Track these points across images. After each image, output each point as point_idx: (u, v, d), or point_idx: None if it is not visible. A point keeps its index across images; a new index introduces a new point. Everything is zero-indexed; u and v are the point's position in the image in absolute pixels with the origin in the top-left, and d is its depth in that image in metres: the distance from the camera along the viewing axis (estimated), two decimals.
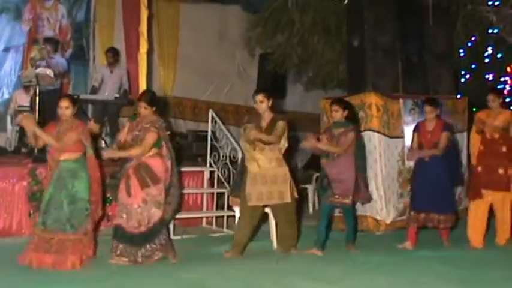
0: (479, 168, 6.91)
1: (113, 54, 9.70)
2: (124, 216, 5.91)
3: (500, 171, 6.79)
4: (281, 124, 6.21)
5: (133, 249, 5.87)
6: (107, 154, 6.32)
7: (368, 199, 7.16)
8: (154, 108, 6.06)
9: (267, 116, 6.31)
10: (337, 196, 6.42)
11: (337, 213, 7.34)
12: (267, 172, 6.19)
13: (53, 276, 5.45)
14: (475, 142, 7.07)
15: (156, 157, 5.97)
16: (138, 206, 5.87)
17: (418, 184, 6.92)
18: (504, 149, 6.83)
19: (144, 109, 6.00)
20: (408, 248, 6.79)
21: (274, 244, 6.93)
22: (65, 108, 5.88)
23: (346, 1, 8.54)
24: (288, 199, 6.24)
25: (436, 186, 6.69)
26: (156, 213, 5.92)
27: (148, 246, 5.89)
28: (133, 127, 6.05)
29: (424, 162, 6.83)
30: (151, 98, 6.14)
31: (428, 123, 6.94)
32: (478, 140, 7.01)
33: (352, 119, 6.75)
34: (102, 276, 5.55)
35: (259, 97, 6.29)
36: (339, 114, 6.56)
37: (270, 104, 6.31)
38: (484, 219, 6.93)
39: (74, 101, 6.06)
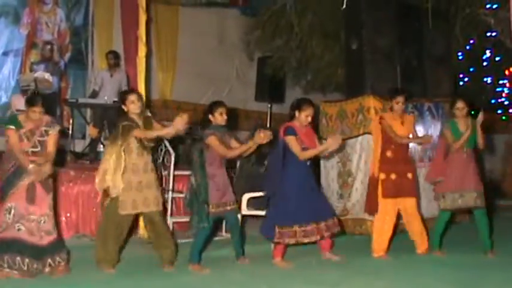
0: (393, 176, 6.51)
1: (114, 56, 9.73)
2: (23, 228, 5.43)
3: (409, 176, 6.57)
4: None
5: (38, 262, 5.49)
6: None
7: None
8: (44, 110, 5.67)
9: None
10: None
11: None
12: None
13: (56, 280, 5.46)
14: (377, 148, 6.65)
15: None
16: (44, 215, 5.51)
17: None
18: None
19: (39, 113, 5.58)
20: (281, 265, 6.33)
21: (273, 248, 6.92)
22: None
23: (344, 5, 8.51)
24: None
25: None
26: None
27: (56, 257, 5.58)
28: (29, 134, 5.59)
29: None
30: (42, 100, 5.70)
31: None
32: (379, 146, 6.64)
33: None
34: (103, 279, 5.55)
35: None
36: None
37: None
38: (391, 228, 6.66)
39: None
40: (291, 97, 12.74)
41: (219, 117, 6.15)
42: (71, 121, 9.72)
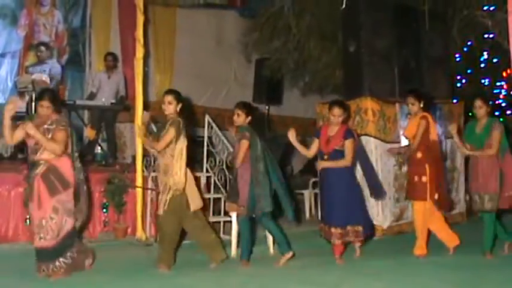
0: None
1: (112, 58, 9.74)
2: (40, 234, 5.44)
3: (416, 179, 6.59)
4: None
5: (44, 265, 5.47)
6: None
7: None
8: (55, 107, 5.65)
9: None
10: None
11: None
12: None
13: (54, 282, 5.46)
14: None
15: (65, 157, 5.57)
16: (49, 218, 5.41)
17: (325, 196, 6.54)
18: (420, 155, 6.62)
19: (47, 109, 5.57)
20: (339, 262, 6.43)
21: (271, 250, 6.93)
22: None
23: (344, 6, 8.50)
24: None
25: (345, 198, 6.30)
26: (68, 223, 5.53)
27: (57, 261, 5.49)
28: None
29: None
30: (53, 96, 5.71)
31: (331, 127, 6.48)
32: None
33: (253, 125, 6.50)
34: (101, 281, 5.55)
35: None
36: (241, 119, 6.43)
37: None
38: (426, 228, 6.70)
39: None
40: (288, 99, 12.81)
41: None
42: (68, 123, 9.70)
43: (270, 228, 6.43)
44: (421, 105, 6.65)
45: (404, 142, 7.82)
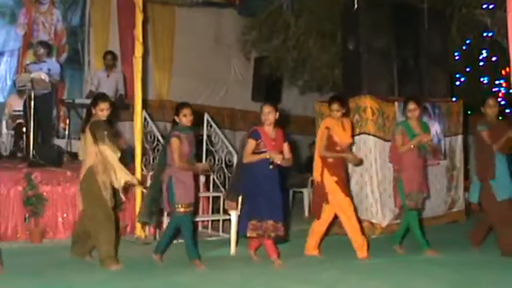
0: (335, 179, 6.51)
1: (112, 57, 9.74)
2: None
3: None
4: None
5: None
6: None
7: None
8: None
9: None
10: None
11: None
12: None
13: (52, 281, 5.47)
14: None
15: None
16: None
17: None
18: None
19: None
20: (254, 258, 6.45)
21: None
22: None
23: (356, 7, 8.46)
24: None
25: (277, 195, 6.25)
26: None
27: None
28: None
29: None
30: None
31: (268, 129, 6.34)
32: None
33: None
34: (100, 279, 5.55)
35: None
36: (189, 118, 6.27)
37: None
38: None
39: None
40: (287, 97, 12.82)
41: (183, 119, 6.20)
42: (67, 121, 9.72)
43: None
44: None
45: None
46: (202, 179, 8.51)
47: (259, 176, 6.19)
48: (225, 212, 7.59)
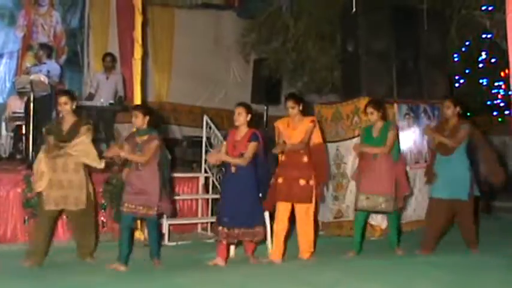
0: (280, 180, 6.48)
1: (111, 59, 9.74)
2: None
3: (302, 182, 6.41)
4: None
5: None
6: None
7: (169, 210, 6.43)
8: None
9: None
10: (141, 207, 6.12)
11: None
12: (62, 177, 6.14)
13: (52, 283, 5.46)
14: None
15: None
16: None
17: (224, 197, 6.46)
18: (305, 159, 6.49)
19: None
20: (220, 264, 6.29)
21: (269, 248, 6.93)
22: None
23: (354, 10, 8.43)
24: (83, 205, 6.19)
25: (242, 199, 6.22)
26: None
27: None
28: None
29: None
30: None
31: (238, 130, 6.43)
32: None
33: (156, 126, 6.45)
34: (100, 281, 5.55)
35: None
36: (139, 120, 6.24)
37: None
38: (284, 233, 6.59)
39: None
40: None
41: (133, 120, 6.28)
42: None
43: (155, 232, 6.39)
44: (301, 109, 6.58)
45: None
46: (201, 180, 8.52)
47: (224, 180, 6.32)
48: None
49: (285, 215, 6.52)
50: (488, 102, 11.96)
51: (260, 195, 6.39)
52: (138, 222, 7.47)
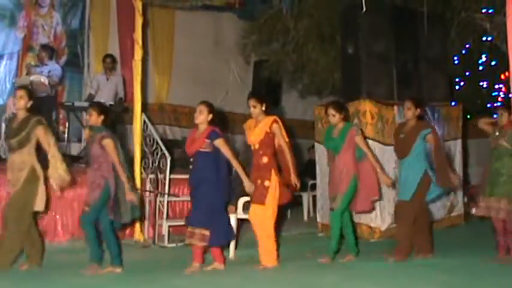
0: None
1: (111, 60, 9.75)
2: None
3: (258, 182, 6.17)
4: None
5: None
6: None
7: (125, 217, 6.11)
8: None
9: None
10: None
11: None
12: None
13: (51, 284, 5.47)
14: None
15: None
16: None
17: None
18: (265, 160, 6.23)
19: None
20: (195, 269, 6.04)
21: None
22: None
23: (364, 9, 8.36)
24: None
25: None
26: None
27: None
28: None
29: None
30: None
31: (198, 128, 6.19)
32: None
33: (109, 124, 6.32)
34: (99, 283, 5.55)
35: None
36: (93, 118, 6.10)
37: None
38: None
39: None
40: (287, 100, 12.83)
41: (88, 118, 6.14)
42: (66, 124, 9.72)
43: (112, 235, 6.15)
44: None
45: None
46: None
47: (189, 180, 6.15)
48: None
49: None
50: (489, 105, 11.97)
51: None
52: (138, 223, 7.49)
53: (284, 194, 6.31)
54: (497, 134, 6.68)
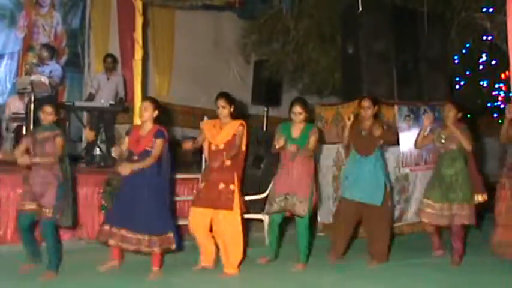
0: (202, 184, 6.05)
1: (112, 60, 9.76)
2: None
3: (221, 186, 5.92)
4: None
5: None
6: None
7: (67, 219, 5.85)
8: None
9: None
10: (34, 206, 5.73)
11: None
12: None
13: (50, 284, 5.50)
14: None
15: None
16: None
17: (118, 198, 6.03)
18: (229, 161, 6.00)
19: None
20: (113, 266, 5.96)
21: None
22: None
23: (360, 9, 8.34)
24: None
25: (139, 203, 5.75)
26: None
27: None
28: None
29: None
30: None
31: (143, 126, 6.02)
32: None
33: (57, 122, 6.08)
34: (97, 282, 5.58)
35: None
36: (50, 117, 5.88)
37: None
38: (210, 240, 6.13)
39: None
40: (287, 100, 12.76)
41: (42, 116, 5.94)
42: (67, 124, 9.72)
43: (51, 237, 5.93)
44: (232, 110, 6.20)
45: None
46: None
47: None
48: None
49: (202, 223, 6.05)
50: (489, 104, 11.97)
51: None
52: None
53: (242, 201, 6.14)
54: (443, 139, 6.57)
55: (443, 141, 6.56)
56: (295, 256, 6.33)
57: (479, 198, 6.54)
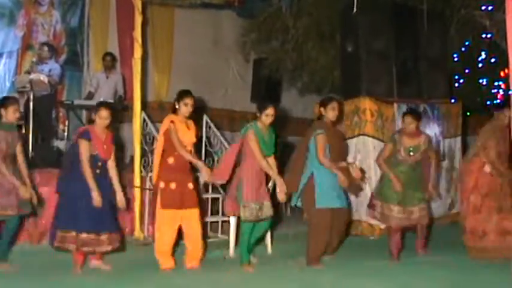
0: (173, 185, 5.98)
1: (111, 58, 9.75)
2: None
3: (190, 186, 6.06)
4: None
5: None
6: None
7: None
8: None
9: None
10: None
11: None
12: None
13: (50, 282, 5.49)
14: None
15: None
16: None
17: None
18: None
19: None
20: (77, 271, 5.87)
21: (269, 249, 6.93)
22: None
23: (355, 10, 8.34)
24: None
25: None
26: None
27: None
28: None
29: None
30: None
31: (101, 130, 6.02)
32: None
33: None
34: (97, 281, 5.56)
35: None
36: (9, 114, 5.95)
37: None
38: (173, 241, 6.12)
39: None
40: (286, 99, 12.82)
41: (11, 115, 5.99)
42: (66, 123, 9.72)
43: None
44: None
45: None
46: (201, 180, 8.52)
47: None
48: (224, 213, 7.59)
49: (175, 225, 6.05)
50: (488, 102, 11.96)
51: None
52: (138, 221, 7.49)
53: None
54: (411, 150, 6.58)
55: (411, 153, 6.59)
56: (295, 254, 6.34)
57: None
